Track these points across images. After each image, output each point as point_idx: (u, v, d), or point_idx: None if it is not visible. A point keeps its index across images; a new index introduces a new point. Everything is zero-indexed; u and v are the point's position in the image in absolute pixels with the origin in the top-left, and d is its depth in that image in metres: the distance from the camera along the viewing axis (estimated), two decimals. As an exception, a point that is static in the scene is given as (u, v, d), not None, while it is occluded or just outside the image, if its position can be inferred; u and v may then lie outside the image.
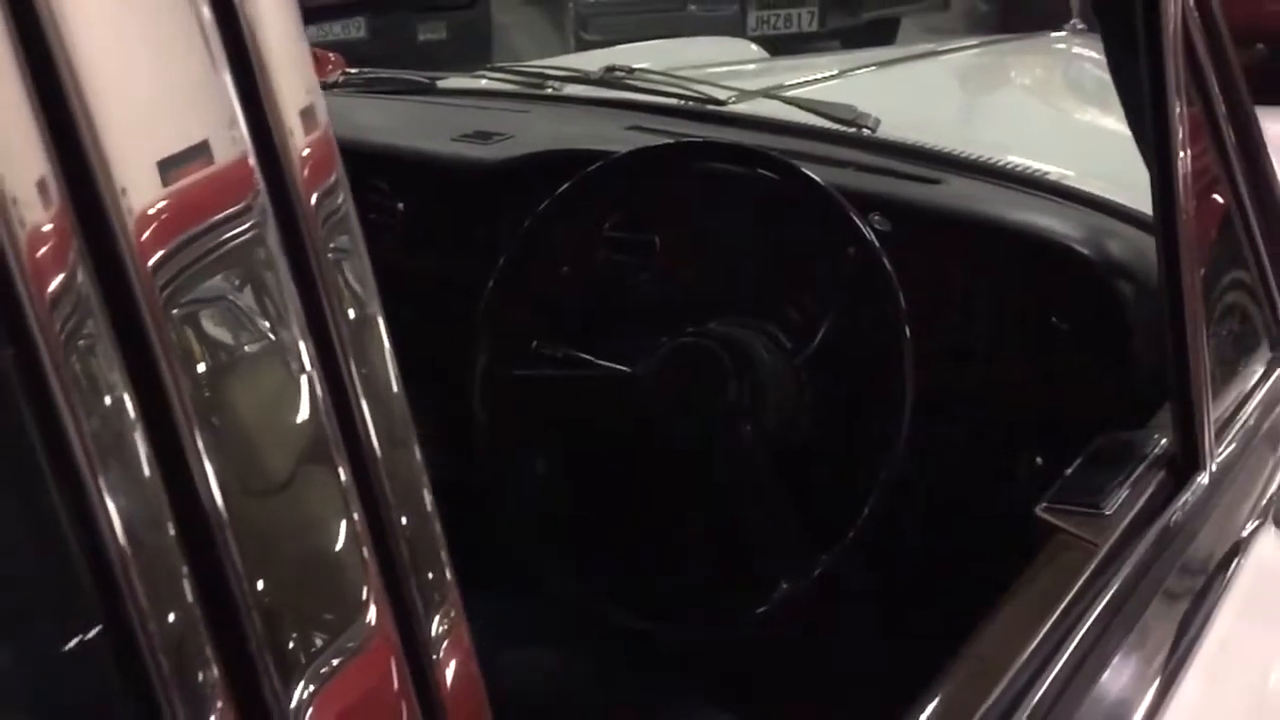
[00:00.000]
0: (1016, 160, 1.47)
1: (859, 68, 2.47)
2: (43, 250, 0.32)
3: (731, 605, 1.20)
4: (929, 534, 1.30)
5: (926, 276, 1.24)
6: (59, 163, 0.32)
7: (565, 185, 1.35)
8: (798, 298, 1.29)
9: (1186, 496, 1.00)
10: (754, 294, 1.33)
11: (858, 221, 1.18)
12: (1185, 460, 1.02)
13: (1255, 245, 1.23)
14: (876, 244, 1.17)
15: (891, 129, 1.58)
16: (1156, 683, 0.86)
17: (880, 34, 6.35)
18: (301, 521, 0.42)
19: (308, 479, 0.42)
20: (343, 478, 0.43)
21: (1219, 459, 1.05)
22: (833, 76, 2.32)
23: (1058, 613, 0.86)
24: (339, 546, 0.43)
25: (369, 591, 0.44)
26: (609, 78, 1.91)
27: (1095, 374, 1.22)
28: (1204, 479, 1.02)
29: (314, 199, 0.39)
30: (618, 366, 1.30)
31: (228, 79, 0.36)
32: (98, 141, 0.33)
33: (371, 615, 0.44)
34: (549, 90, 1.98)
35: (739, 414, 1.23)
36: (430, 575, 0.46)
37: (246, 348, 0.39)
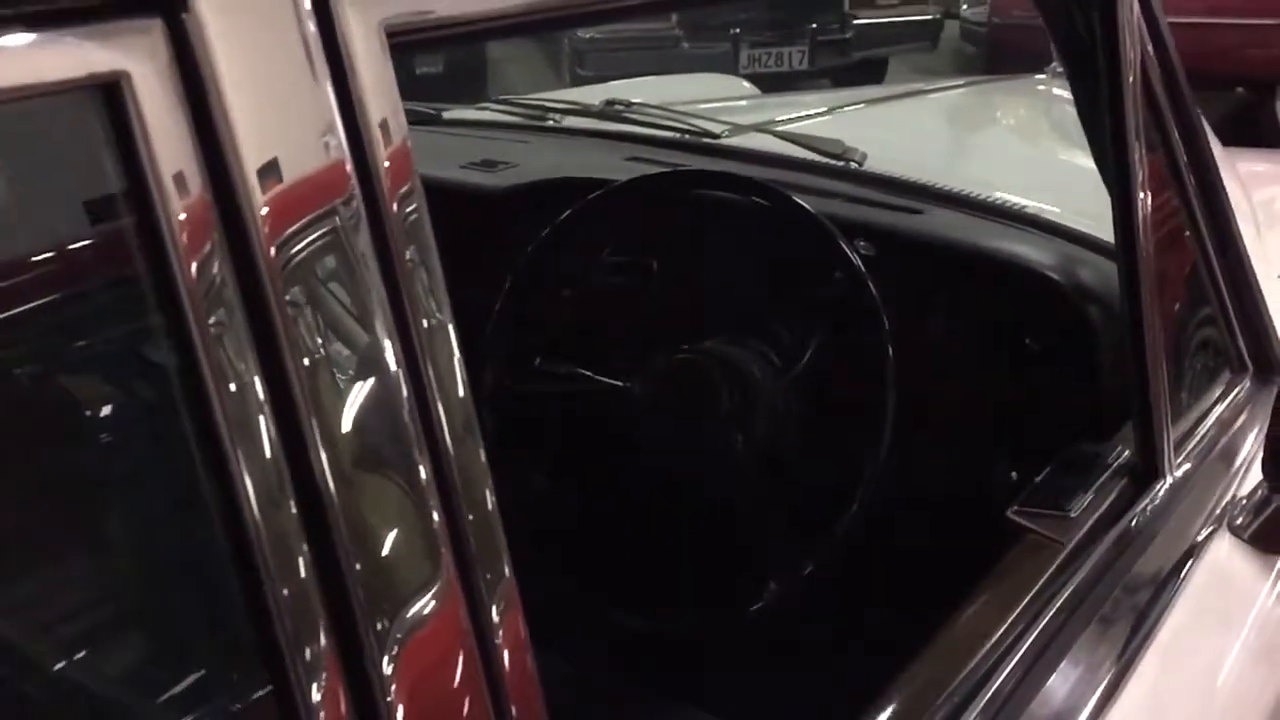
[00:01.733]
0: (1001, 195, 1.56)
1: (848, 105, 2.57)
2: (188, 232, 0.39)
3: (725, 603, 1.27)
4: (908, 538, 1.37)
5: (908, 299, 1.32)
6: (203, 159, 0.40)
7: (567, 212, 1.43)
8: (787, 318, 1.37)
9: (1146, 502, 1.08)
10: (746, 315, 1.40)
11: (844, 246, 1.26)
12: (1145, 469, 1.10)
13: (1215, 277, 1.31)
14: (862, 268, 1.25)
15: (878, 163, 1.67)
16: (1113, 669, 0.93)
17: (869, 74, 6.46)
18: (392, 509, 0.49)
19: (396, 470, 0.49)
20: (423, 473, 0.50)
21: (1178, 470, 1.13)
22: (822, 113, 2.41)
23: (1023, 604, 0.94)
24: (420, 532, 0.50)
25: (444, 574, 0.51)
26: (609, 111, 2.00)
27: (1065, 391, 1.30)
28: (1163, 487, 1.10)
29: (396, 203, 0.46)
30: (617, 382, 1.37)
31: (330, 94, 0.44)
32: (235, 143, 0.40)
33: (445, 594, 0.51)
34: (550, 122, 2.07)
35: (731, 425, 1.30)
36: (491, 561, 0.53)
37: (347, 343, 0.46)
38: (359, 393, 0.47)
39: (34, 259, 0.53)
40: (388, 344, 0.47)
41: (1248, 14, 5.42)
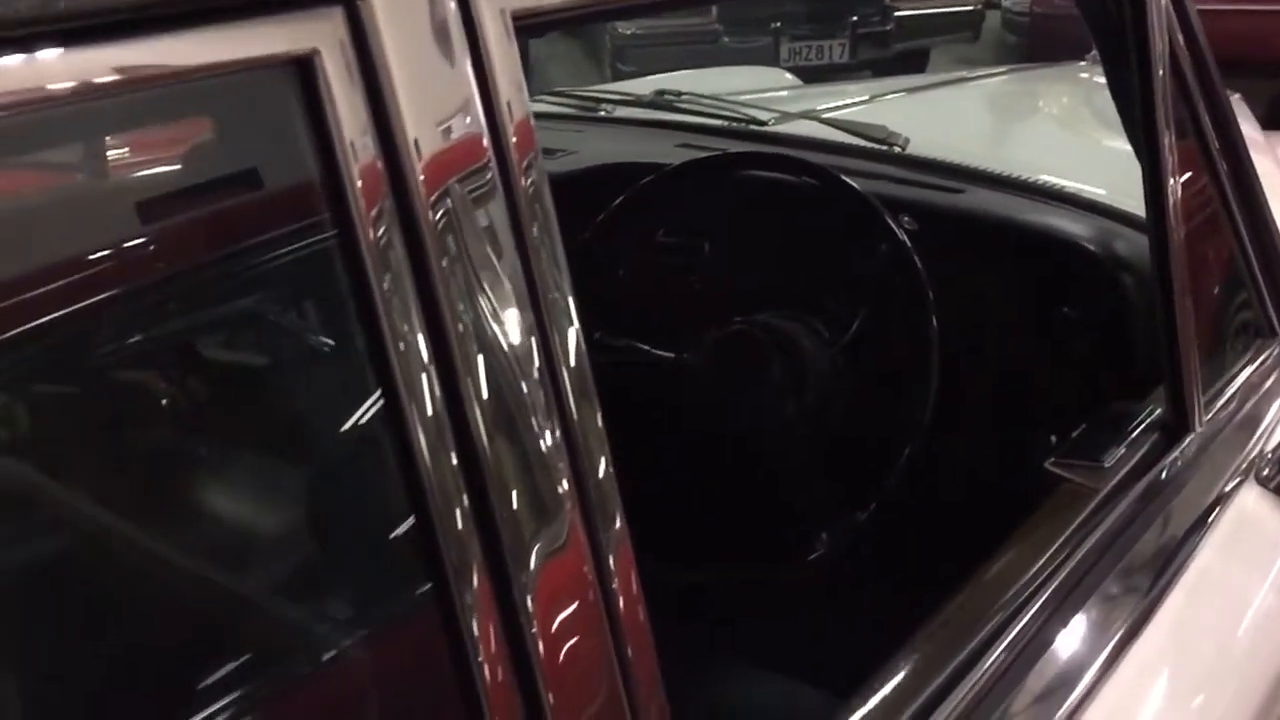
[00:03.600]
0: (1042, 178, 1.62)
1: (890, 93, 2.63)
2: (363, 186, 0.49)
3: (778, 556, 1.36)
4: (950, 496, 1.45)
5: (950, 272, 1.39)
6: (374, 124, 0.49)
7: (622, 196, 1.52)
8: (834, 292, 1.44)
9: (1176, 454, 1.15)
10: (794, 290, 1.48)
11: (889, 221, 1.34)
12: (1176, 424, 1.17)
13: (1245, 250, 1.37)
14: (906, 242, 1.33)
15: (920, 149, 1.73)
16: (1140, 606, 1.01)
17: (910, 66, 6.46)
18: (530, 460, 0.57)
19: (534, 424, 0.57)
20: (555, 430, 0.58)
21: (1207, 425, 1.20)
22: (865, 101, 2.47)
23: (1055, 545, 1.01)
24: (552, 479, 0.58)
25: (570, 514, 0.60)
26: (659, 100, 2.08)
27: (1101, 358, 1.37)
28: (1193, 440, 1.17)
29: (523, 173, 0.55)
30: (670, 354, 1.46)
31: (469, 71, 0.53)
32: (399, 111, 0.49)
33: (572, 530, 0.59)
34: (602, 113, 2.16)
35: (782, 393, 1.39)
36: (607, 508, 0.62)
37: (491, 302, 0.54)
38: (502, 351, 0.55)
39: (239, 203, 0.63)
40: (524, 303, 0.56)
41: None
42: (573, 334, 0.59)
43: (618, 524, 0.62)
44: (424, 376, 0.52)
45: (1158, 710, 1.01)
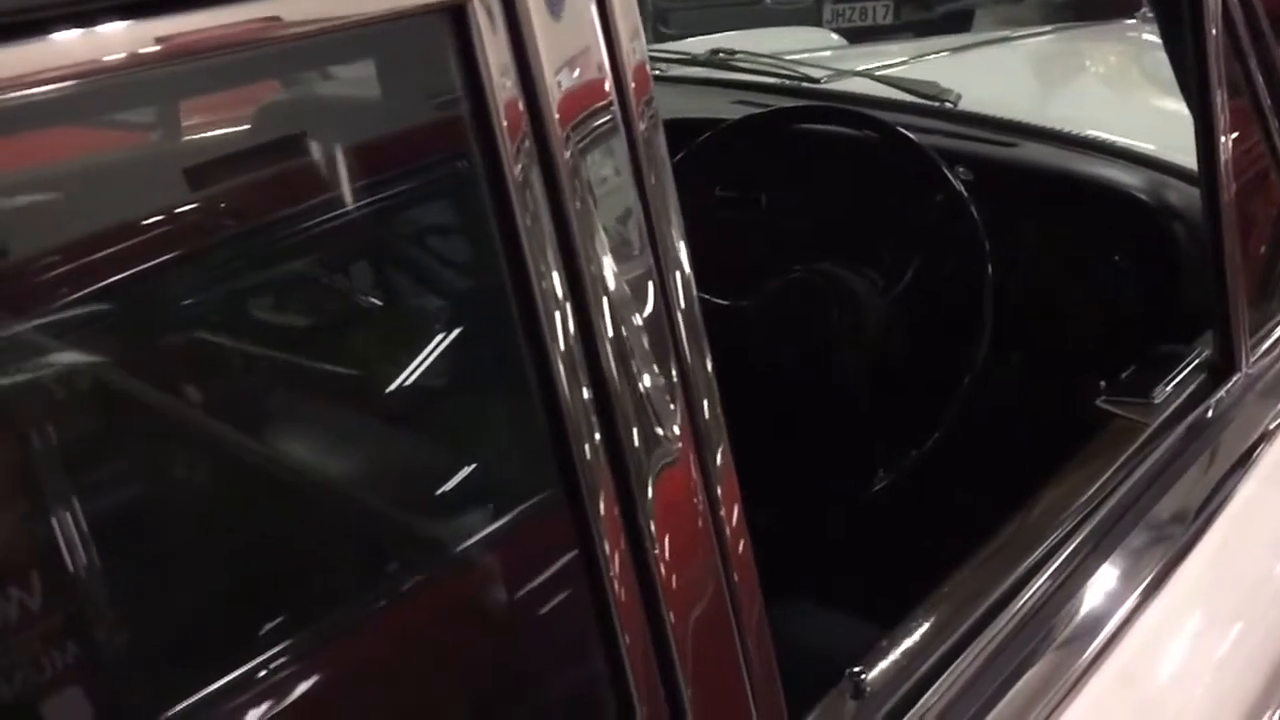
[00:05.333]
0: (1092, 133, 1.65)
1: (934, 52, 2.65)
2: (507, 122, 0.55)
3: (837, 494, 1.42)
4: (1003, 438, 1.50)
5: (1004, 221, 1.44)
6: (517, 66, 0.55)
7: (681, 153, 1.57)
8: (890, 241, 1.49)
9: (1222, 393, 1.20)
10: (851, 240, 1.53)
11: (945, 172, 1.39)
12: (1223, 365, 1.22)
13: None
14: (963, 191, 1.38)
15: (968, 107, 1.77)
16: (1186, 533, 1.06)
17: (954, 28, 6.42)
18: (649, 389, 0.63)
19: (653, 357, 0.63)
20: (673, 370, 0.64)
21: (1253, 367, 1.24)
22: (913, 59, 2.50)
23: (1105, 476, 1.07)
24: (669, 408, 0.64)
25: (684, 444, 0.66)
26: (714, 59, 2.13)
27: (1151, 304, 1.42)
28: (1238, 381, 1.22)
29: (640, 118, 0.61)
30: (729, 302, 1.51)
31: (595, 16, 0.59)
32: (539, 53, 0.56)
33: (683, 451, 0.65)
34: (657, 72, 2.20)
35: (839, 338, 1.45)
36: (714, 439, 0.67)
37: (616, 239, 0.60)
38: (627, 282, 0.61)
39: (401, 139, 0.69)
40: (643, 238, 0.62)
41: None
42: (688, 271, 0.65)
43: (723, 453, 0.68)
44: (558, 306, 0.58)
45: (1197, 633, 1.07)
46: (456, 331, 0.78)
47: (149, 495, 0.64)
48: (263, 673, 0.62)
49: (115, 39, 0.45)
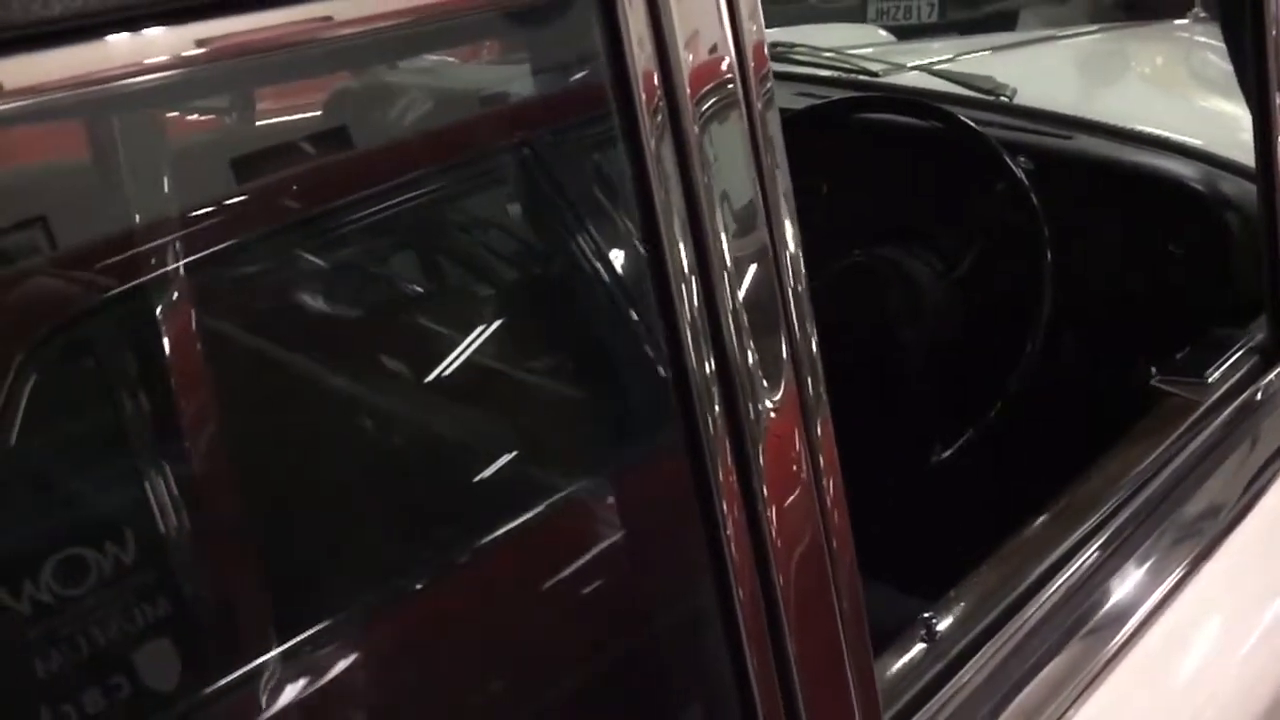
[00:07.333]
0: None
1: (979, 50, 2.68)
2: (645, 89, 0.61)
3: (895, 468, 1.47)
4: (1056, 420, 1.55)
5: (1061, 210, 1.49)
6: (653, 37, 0.61)
7: None
8: (950, 227, 1.55)
9: (1273, 376, 1.24)
10: (911, 225, 1.59)
11: (1008, 161, 1.44)
12: (1275, 349, 1.27)
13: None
14: (1024, 179, 1.43)
15: (1019, 102, 1.81)
16: (1238, 505, 1.11)
17: (999, 27, 6.42)
18: (763, 354, 0.68)
19: (769, 325, 0.68)
20: (783, 344, 0.69)
21: (1306, 353, 1.29)
22: (963, 54, 2.54)
23: (1157, 451, 1.12)
24: (779, 380, 0.70)
25: (791, 407, 0.71)
26: (772, 53, 2.18)
27: (1205, 293, 1.46)
28: (1290, 365, 1.26)
29: (757, 95, 0.66)
30: None
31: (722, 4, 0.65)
32: (673, 25, 0.62)
33: (789, 404, 0.70)
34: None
35: (899, 320, 1.50)
36: (819, 402, 0.72)
37: (737, 208, 0.65)
38: (747, 256, 0.66)
39: (540, 103, 0.76)
40: (762, 213, 0.67)
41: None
42: (796, 240, 0.70)
43: (824, 424, 0.73)
44: (684, 279, 0.64)
45: (1236, 609, 1.12)
46: (595, 270, 0.84)
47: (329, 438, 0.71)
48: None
49: None
